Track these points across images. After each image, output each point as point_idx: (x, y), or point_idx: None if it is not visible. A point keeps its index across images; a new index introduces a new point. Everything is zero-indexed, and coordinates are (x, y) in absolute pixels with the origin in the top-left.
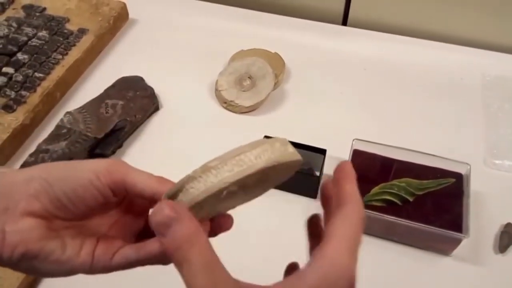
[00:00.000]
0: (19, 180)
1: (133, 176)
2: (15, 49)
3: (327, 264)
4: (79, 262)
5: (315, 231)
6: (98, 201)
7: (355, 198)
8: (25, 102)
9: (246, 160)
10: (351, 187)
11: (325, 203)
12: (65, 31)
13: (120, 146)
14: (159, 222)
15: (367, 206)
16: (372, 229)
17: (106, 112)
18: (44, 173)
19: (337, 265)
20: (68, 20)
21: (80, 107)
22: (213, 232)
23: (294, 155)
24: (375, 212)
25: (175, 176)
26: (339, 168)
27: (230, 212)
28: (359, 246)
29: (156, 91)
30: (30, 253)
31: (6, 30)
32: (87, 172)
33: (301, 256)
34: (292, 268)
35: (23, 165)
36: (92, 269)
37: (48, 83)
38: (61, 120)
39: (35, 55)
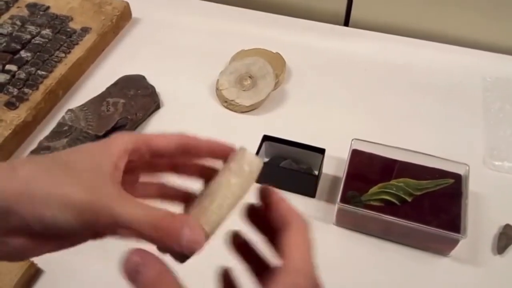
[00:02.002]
0: None
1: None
2: (18, 47)
3: (294, 275)
4: (78, 244)
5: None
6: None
7: (296, 213)
8: (27, 99)
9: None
10: (287, 204)
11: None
12: (68, 29)
13: None
14: (128, 270)
15: (366, 206)
16: (370, 229)
17: (107, 110)
18: (20, 208)
19: (303, 273)
20: (72, 19)
21: (81, 105)
22: None
23: (259, 164)
24: (373, 212)
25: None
26: (271, 192)
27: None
28: (313, 253)
29: (157, 89)
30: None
31: (10, 28)
32: (70, 217)
33: None
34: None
35: None
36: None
37: (50, 81)
38: (63, 117)
39: (38, 53)
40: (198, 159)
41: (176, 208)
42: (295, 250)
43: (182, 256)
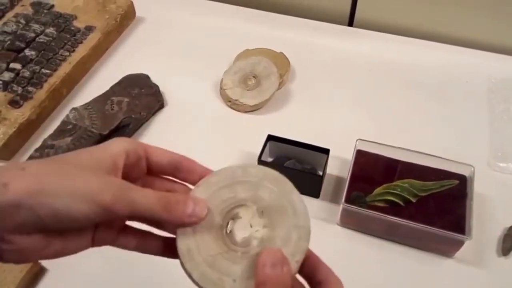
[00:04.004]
0: (3, 203)
1: (139, 201)
2: (22, 45)
3: None
4: (80, 249)
5: None
6: (96, 223)
7: (334, 274)
8: (31, 97)
9: None
10: (326, 266)
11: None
12: (72, 28)
13: None
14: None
15: (370, 207)
16: (374, 230)
17: (112, 109)
18: (32, 200)
19: None
20: (76, 18)
21: (85, 104)
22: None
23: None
24: (377, 213)
25: None
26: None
27: None
28: None
29: (161, 89)
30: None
31: (14, 27)
32: (83, 206)
33: None
34: None
35: (29, 160)
36: (95, 246)
37: (54, 79)
38: (67, 116)
39: (42, 52)
40: (187, 180)
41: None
42: None
43: None
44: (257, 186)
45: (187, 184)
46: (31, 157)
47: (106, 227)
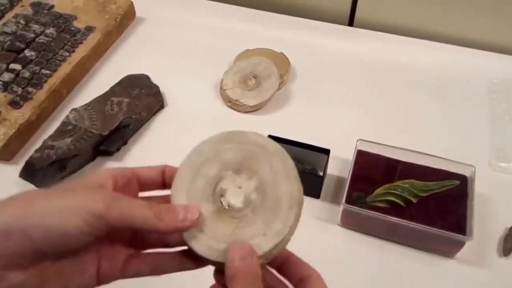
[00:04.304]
0: None
1: (133, 213)
2: (22, 45)
3: None
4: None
5: None
6: (91, 240)
7: (313, 269)
8: (31, 98)
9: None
10: (305, 263)
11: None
12: (72, 28)
13: (125, 143)
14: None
15: (371, 207)
16: (375, 230)
17: (112, 110)
18: (21, 222)
19: None
20: (76, 18)
21: (85, 104)
22: None
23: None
24: (378, 213)
25: None
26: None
27: None
28: None
29: (162, 89)
30: None
31: (14, 27)
32: (75, 218)
33: (303, 256)
34: None
35: (29, 161)
36: (101, 284)
37: (54, 80)
38: (67, 116)
39: (42, 52)
40: None
41: None
42: None
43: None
44: (216, 154)
45: None
46: (31, 158)
47: (109, 257)
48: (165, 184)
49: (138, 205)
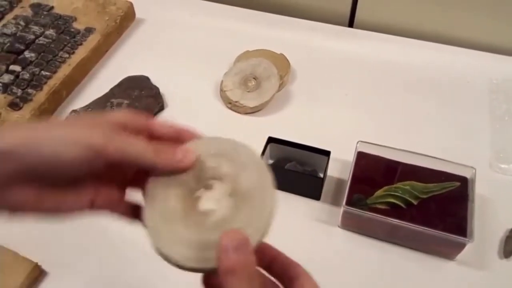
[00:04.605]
0: None
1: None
2: (22, 47)
3: None
4: (77, 207)
5: None
6: (86, 171)
7: (298, 264)
8: (31, 100)
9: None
10: (296, 263)
11: None
12: (72, 30)
13: None
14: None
15: (371, 209)
16: (375, 232)
17: (112, 111)
18: (22, 148)
19: None
20: (75, 19)
21: (85, 106)
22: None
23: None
24: (378, 215)
25: None
26: (268, 247)
27: None
28: None
29: (161, 90)
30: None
31: (14, 29)
32: (73, 149)
33: (303, 258)
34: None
35: None
36: (92, 211)
37: (54, 81)
38: (67, 118)
39: (42, 54)
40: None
41: None
42: None
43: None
44: (241, 168)
45: None
46: None
47: (105, 194)
48: (179, 139)
49: (137, 141)
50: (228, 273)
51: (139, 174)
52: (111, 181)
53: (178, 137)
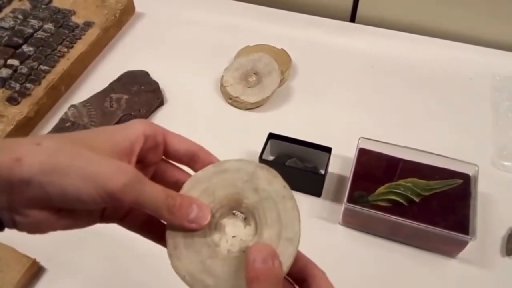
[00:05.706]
0: (15, 178)
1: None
2: (20, 41)
3: None
4: (89, 225)
5: None
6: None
7: (315, 263)
8: (29, 94)
9: None
10: (310, 261)
11: None
12: (71, 24)
13: None
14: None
15: (373, 206)
16: (377, 229)
17: (111, 106)
18: (42, 178)
19: None
20: (74, 13)
21: (84, 101)
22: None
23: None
24: (380, 212)
25: None
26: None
27: None
28: None
29: (161, 85)
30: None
31: (12, 22)
32: (91, 190)
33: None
34: None
35: None
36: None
37: (53, 76)
38: (65, 113)
39: (40, 48)
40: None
41: None
42: None
43: None
44: (250, 182)
45: None
46: None
47: (114, 208)
48: (189, 165)
49: (154, 193)
50: (253, 280)
51: None
52: None
53: (193, 157)
